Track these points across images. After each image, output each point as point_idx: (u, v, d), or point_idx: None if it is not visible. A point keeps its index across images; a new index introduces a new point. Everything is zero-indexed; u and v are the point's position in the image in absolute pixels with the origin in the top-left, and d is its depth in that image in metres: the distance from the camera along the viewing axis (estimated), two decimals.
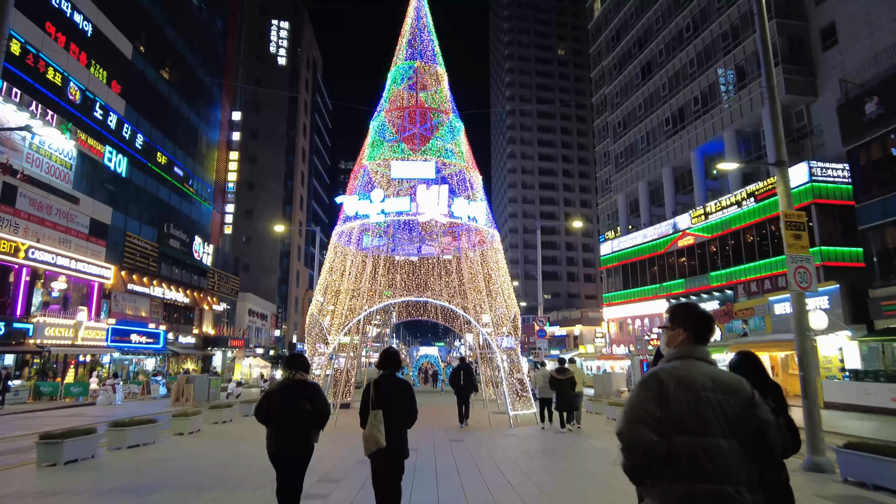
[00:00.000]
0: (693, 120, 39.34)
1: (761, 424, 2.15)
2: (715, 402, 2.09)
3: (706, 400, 2.09)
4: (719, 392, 2.12)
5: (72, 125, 25.77)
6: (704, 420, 2.07)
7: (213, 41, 44.87)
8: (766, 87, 8.77)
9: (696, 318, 2.36)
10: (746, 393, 2.17)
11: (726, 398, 2.11)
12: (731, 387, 2.15)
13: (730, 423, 2.09)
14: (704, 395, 2.10)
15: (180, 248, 36.85)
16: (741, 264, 33.01)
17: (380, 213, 15.11)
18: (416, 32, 18.94)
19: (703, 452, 2.03)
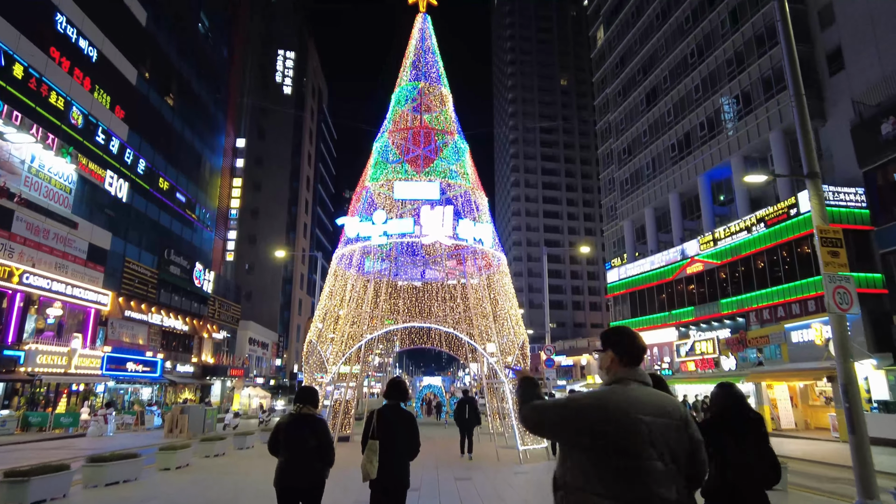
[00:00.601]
0: (699, 145, 39.02)
1: (695, 444, 2.23)
2: (651, 425, 2.12)
3: (642, 423, 2.11)
4: (655, 414, 2.15)
5: (73, 149, 25.53)
6: (640, 442, 2.09)
7: (218, 68, 45.17)
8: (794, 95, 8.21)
9: (623, 341, 2.41)
10: (681, 414, 2.22)
11: (662, 420, 2.15)
12: (667, 409, 2.19)
13: (665, 445, 2.12)
14: (640, 418, 2.12)
15: (181, 274, 36.31)
16: (752, 291, 32.19)
17: (382, 234, 14.55)
18: (420, 53, 18.71)
19: (640, 474, 2.06)
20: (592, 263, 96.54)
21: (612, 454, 2.09)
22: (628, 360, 2.34)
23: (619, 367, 2.34)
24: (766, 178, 11.22)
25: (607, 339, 2.45)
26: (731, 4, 35.89)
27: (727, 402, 3.85)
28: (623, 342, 2.39)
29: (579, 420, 2.16)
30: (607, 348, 2.40)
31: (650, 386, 2.31)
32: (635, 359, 2.35)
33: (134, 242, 31.77)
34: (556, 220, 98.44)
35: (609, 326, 24.83)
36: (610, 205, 54.47)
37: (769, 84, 32.49)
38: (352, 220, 15.19)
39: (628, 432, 2.08)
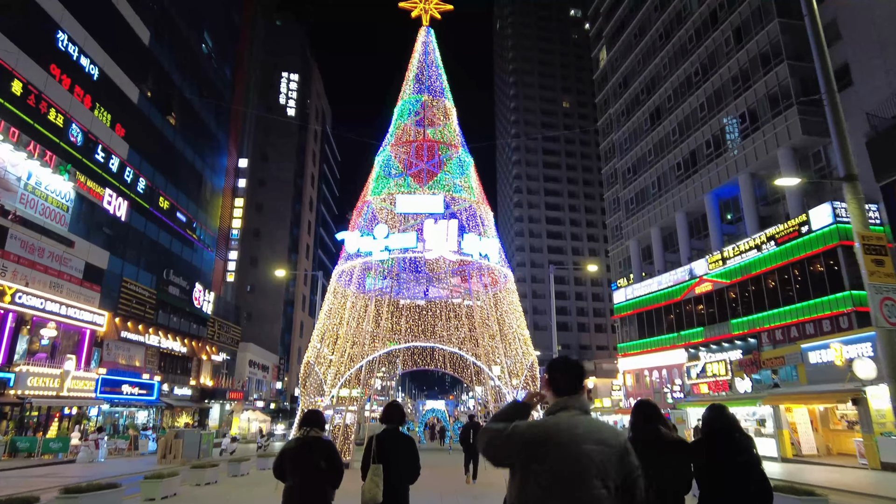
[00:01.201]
0: (706, 164, 38.59)
1: (633, 471, 2.26)
2: (592, 453, 2.16)
3: (582, 452, 2.16)
4: (593, 443, 2.19)
5: (71, 167, 25.18)
6: (580, 471, 2.14)
7: (221, 89, 45.19)
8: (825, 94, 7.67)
9: (555, 371, 2.45)
10: (620, 443, 2.26)
11: (601, 448, 2.19)
12: (605, 437, 2.24)
13: (604, 473, 2.17)
14: (582, 447, 2.17)
15: (180, 295, 35.70)
16: (764, 311, 31.39)
17: (383, 249, 13.96)
18: (423, 67, 18.36)
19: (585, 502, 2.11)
20: (597, 285, 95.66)
21: (556, 482, 2.13)
22: (562, 390, 2.39)
23: (555, 396, 2.40)
24: (800, 181, 10.59)
25: (546, 370, 2.54)
26: (735, 23, 35.78)
27: (714, 427, 3.90)
28: (554, 374, 2.45)
29: (523, 448, 2.22)
30: (546, 378, 2.48)
31: (590, 415, 2.38)
32: (569, 388, 2.39)
33: (132, 262, 31.24)
34: (559, 240, 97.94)
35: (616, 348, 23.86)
36: (615, 224, 53.92)
37: (776, 101, 32.14)
38: (352, 235, 14.62)
39: (571, 461, 2.14)
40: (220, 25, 44.68)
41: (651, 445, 3.75)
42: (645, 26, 47.81)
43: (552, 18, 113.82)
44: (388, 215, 15.77)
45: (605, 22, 56.47)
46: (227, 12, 46.54)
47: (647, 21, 47.52)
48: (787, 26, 32.07)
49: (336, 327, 15.32)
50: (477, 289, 16.65)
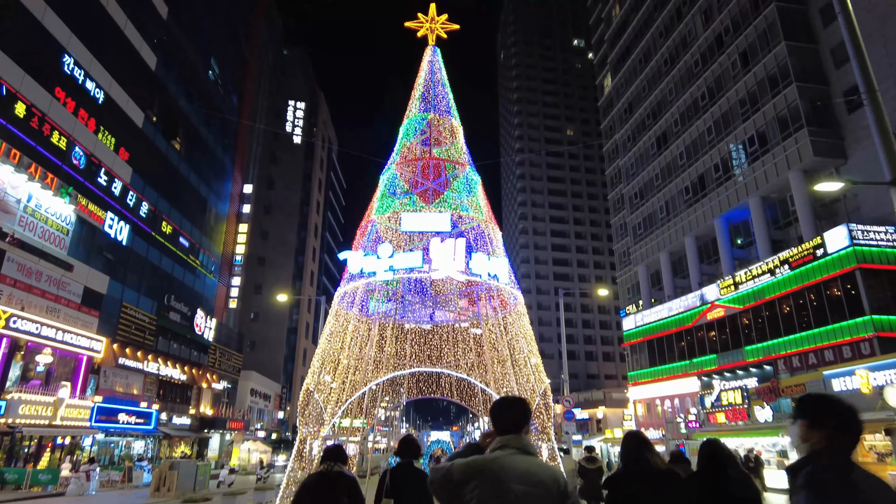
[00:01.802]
0: (715, 188, 38.09)
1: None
2: (518, 494, 2.19)
3: (509, 490, 2.19)
4: (526, 484, 2.21)
5: (72, 189, 24.89)
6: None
7: (227, 115, 45.35)
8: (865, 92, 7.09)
9: (496, 410, 2.55)
10: (559, 486, 2.27)
11: (534, 490, 2.21)
12: (542, 479, 2.25)
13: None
14: (511, 486, 2.20)
15: (181, 321, 35.06)
16: (779, 337, 30.46)
17: (388, 270, 13.35)
18: (429, 86, 18.02)
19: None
20: (605, 312, 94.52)
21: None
22: (502, 429, 2.43)
23: (496, 434, 2.45)
24: (843, 186, 9.97)
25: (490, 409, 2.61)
26: (741, 47, 35.69)
27: (708, 462, 3.86)
28: (495, 414, 2.51)
29: (456, 486, 2.27)
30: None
31: (531, 455, 2.39)
32: (508, 428, 2.42)
33: (133, 287, 30.73)
34: (565, 267, 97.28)
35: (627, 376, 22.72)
36: (623, 250, 53.22)
37: (785, 123, 31.77)
38: (355, 255, 14.01)
39: (496, 500, 2.18)
40: (228, 53, 45.10)
41: (642, 477, 3.75)
42: (650, 52, 47.95)
43: (555, 48, 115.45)
44: (394, 235, 15.19)
45: (609, 48, 56.81)
46: (234, 41, 47.04)
47: (652, 47, 47.67)
48: (795, 49, 31.92)
49: (337, 352, 14.59)
50: (486, 312, 15.95)
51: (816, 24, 32.52)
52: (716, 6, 38.76)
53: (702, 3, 40.23)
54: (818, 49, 32.16)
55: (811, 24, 32.85)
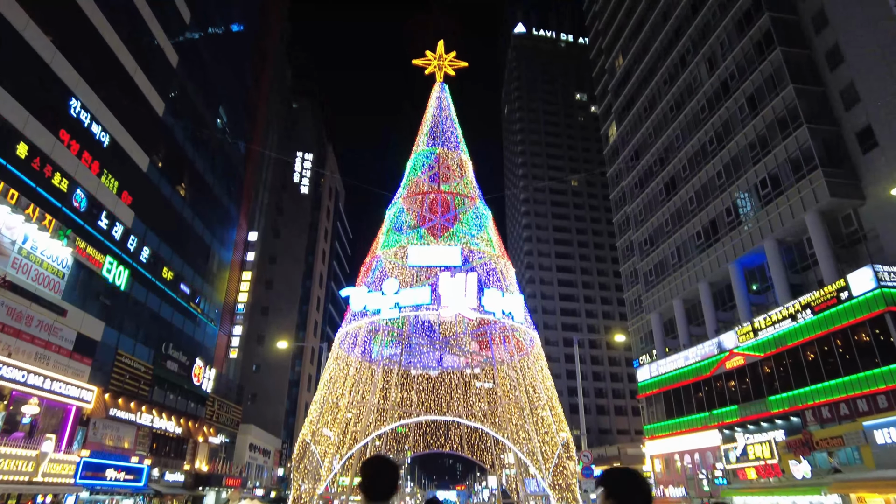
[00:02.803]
0: (727, 232, 37.28)
1: None
2: None
3: None
4: None
5: (71, 232, 24.28)
6: None
7: (234, 163, 45.46)
8: None
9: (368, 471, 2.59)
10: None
11: None
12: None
13: None
14: None
15: (178, 371, 33.74)
16: (805, 386, 28.86)
17: (393, 307, 12.38)
18: (437, 121, 17.58)
19: None
20: (615, 364, 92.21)
21: None
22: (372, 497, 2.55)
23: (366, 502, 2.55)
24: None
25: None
26: (748, 91, 35.68)
27: None
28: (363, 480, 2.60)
29: None
30: None
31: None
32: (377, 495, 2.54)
33: (129, 334, 29.69)
34: (574, 317, 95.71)
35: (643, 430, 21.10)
36: (634, 298, 51.94)
37: (798, 165, 31.24)
38: (358, 291, 13.10)
39: None
40: (237, 102, 45.67)
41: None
42: (655, 100, 48.27)
43: (558, 102, 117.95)
44: (400, 272, 14.28)
45: (613, 98, 57.41)
46: (243, 91, 47.76)
47: (656, 95, 48.02)
48: (802, 91, 31.78)
49: (337, 399, 13.41)
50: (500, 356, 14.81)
51: (822, 68, 32.52)
52: (720, 53, 39.11)
53: (705, 51, 40.64)
54: (826, 91, 32.01)
55: (817, 67, 32.86)
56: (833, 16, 31.80)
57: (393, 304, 12.52)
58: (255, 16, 51.42)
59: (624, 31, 55.32)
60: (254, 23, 51.07)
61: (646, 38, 50.30)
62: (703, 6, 41.31)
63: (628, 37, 54.32)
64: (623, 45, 55.57)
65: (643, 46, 50.84)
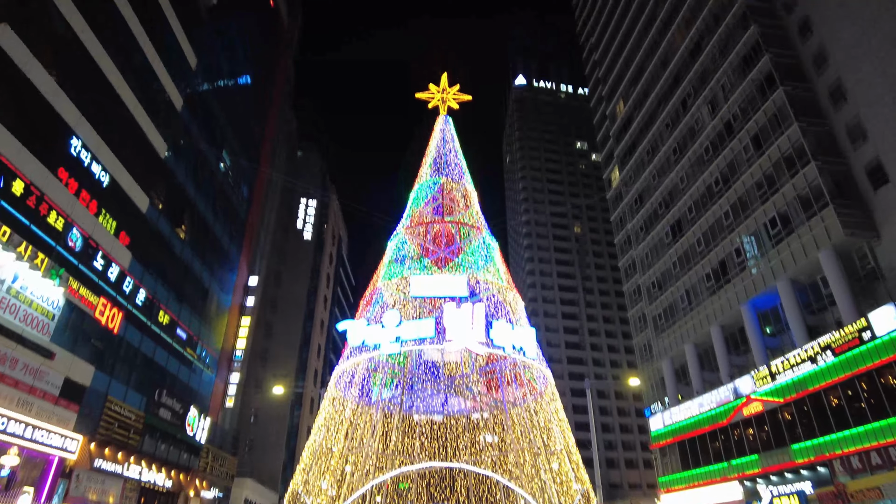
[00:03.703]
0: (738, 273, 36.37)
1: None
2: None
3: None
4: None
5: (64, 271, 23.57)
6: None
7: (236, 206, 45.20)
8: None
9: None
10: None
11: None
12: None
13: None
14: None
15: (171, 419, 32.31)
16: (830, 433, 27.34)
17: (394, 340, 11.46)
18: (441, 152, 17.10)
19: None
20: (625, 415, 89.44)
21: None
22: None
23: None
24: None
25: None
26: (752, 131, 35.55)
27: None
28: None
29: None
30: None
31: None
32: None
33: (121, 380, 28.49)
34: (580, 366, 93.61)
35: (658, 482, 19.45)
36: (643, 343, 50.49)
37: (808, 202, 30.66)
38: (356, 324, 12.20)
39: None
40: (241, 146, 45.84)
41: None
42: (657, 144, 48.33)
43: (559, 151, 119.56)
44: (402, 306, 13.40)
45: (615, 143, 57.67)
46: (248, 135, 48.07)
47: (658, 139, 48.12)
48: (808, 128, 31.57)
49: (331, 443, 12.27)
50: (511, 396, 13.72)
51: (826, 106, 32.44)
52: (721, 96, 39.27)
53: (707, 94, 40.86)
54: (832, 128, 31.80)
55: (820, 105, 32.78)
56: (833, 54, 31.95)
57: (394, 338, 11.60)
58: (261, 62, 52.39)
59: (624, 79, 56.12)
60: (260, 69, 51.98)
61: (646, 84, 50.90)
62: (701, 52, 41.84)
63: (628, 84, 55.04)
64: (623, 91, 56.27)
65: (644, 92, 51.38)
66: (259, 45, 52.01)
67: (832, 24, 32.20)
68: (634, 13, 53.65)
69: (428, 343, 11.57)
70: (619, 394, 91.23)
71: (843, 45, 31.41)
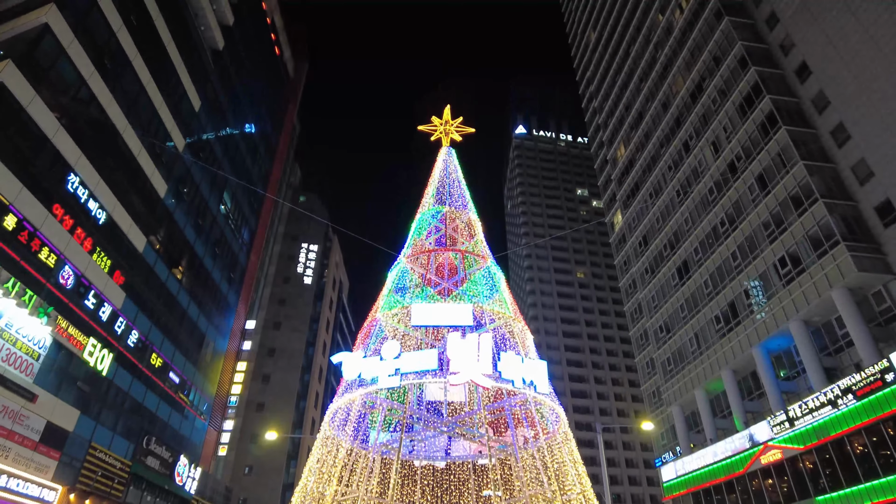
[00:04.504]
0: (748, 315, 35.35)
1: None
2: None
3: None
4: None
5: (53, 310, 22.75)
6: None
7: (235, 251, 44.67)
8: None
9: None
10: None
11: None
12: None
13: None
14: None
15: (159, 468, 30.72)
16: (858, 483, 25.82)
17: (393, 374, 10.57)
18: (444, 182, 16.59)
19: None
20: (632, 466, 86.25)
21: None
22: None
23: None
24: None
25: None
26: (757, 171, 35.31)
27: None
28: None
29: None
30: None
31: None
32: None
33: (107, 425, 27.17)
34: (586, 415, 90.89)
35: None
36: (652, 390, 48.86)
37: (818, 241, 30.01)
38: (352, 357, 11.31)
39: None
40: (243, 190, 45.76)
41: None
42: (660, 186, 48.18)
43: (560, 198, 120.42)
44: (404, 340, 12.55)
45: (617, 186, 57.65)
46: (250, 179, 48.06)
47: (661, 181, 48.01)
48: (814, 167, 31.28)
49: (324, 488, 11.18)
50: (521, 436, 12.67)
51: (829, 146, 32.25)
52: (724, 137, 39.28)
53: (708, 136, 40.93)
54: (837, 168, 31.51)
55: (823, 146, 32.62)
56: (832, 97, 32.00)
57: (393, 371, 10.70)
58: (266, 109, 53.04)
59: (624, 123, 56.62)
60: (265, 115, 52.57)
61: (647, 127, 51.25)
62: (701, 94, 42.19)
63: (629, 128, 55.48)
64: (624, 135, 56.68)
65: (644, 135, 51.68)
66: (264, 92, 52.80)
67: (829, 67, 32.40)
68: (634, 58, 54.63)
69: (430, 377, 10.66)
70: (626, 444, 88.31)
71: (841, 87, 31.50)
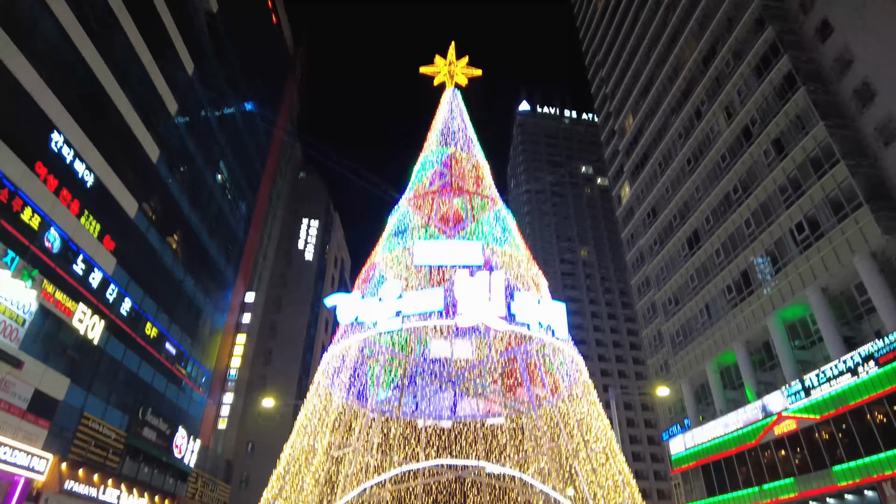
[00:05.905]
0: (762, 283, 34.18)
1: None
2: None
3: None
4: None
5: (38, 273, 21.70)
6: None
7: (233, 224, 43.52)
8: None
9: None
10: None
11: None
12: None
13: None
14: None
15: (156, 440, 29.94)
16: (878, 452, 24.89)
17: (394, 316, 9.46)
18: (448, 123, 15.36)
19: None
20: (636, 442, 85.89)
21: None
22: None
23: None
24: None
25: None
26: (773, 134, 33.85)
27: None
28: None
29: None
30: None
31: None
32: None
33: (101, 395, 26.30)
34: None
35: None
36: (660, 364, 47.94)
37: (839, 204, 28.71)
38: (347, 299, 10.19)
39: None
40: (240, 162, 44.48)
41: None
42: (670, 155, 46.74)
43: (564, 175, 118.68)
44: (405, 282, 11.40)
45: (625, 157, 56.17)
46: (248, 151, 46.75)
47: (671, 150, 46.55)
48: (835, 128, 29.84)
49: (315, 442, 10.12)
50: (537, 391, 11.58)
51: (851, 108, 30.74)
52: (738, 101, 37.75)
53: (722, 101, 39.38)
54: (858, 130, 30.05)
55: (845, 107, 31.12)
56: (858, 54, 30.43)
57: (394, 313, 9.57)
58: (264, 81, 51.50)
59: (632, 92, 54.94)
60: (263, 87, 51.06)
61: (656, 94, 49.63)
62: (714, 57, 40.55)
63: (637, 97, 53.83)
64: (632, 105, 55.04)
65: (654, 103, 50.08)
66: (262, 62, 51.19)
67: (854, 23, 30.78)
68: (644, 24, 52.78)
69: (435, 318, 9.54)
70: (630, 421, 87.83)
71: (868, 43, 29.91)
